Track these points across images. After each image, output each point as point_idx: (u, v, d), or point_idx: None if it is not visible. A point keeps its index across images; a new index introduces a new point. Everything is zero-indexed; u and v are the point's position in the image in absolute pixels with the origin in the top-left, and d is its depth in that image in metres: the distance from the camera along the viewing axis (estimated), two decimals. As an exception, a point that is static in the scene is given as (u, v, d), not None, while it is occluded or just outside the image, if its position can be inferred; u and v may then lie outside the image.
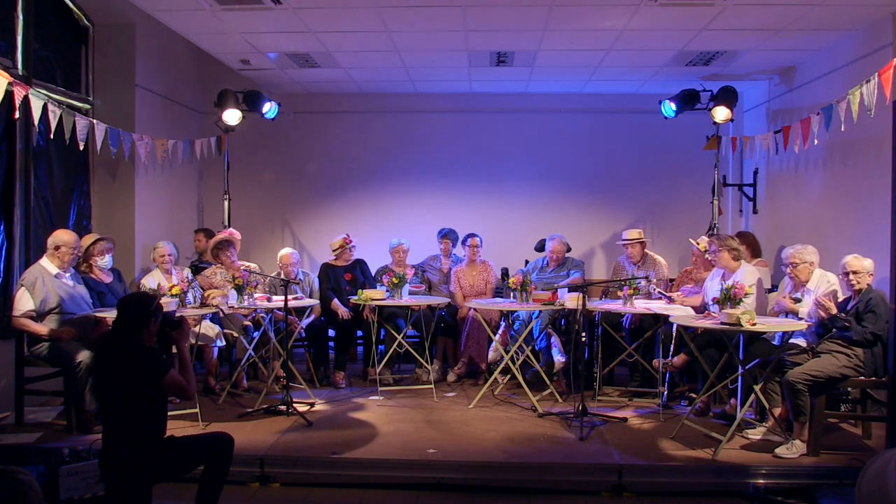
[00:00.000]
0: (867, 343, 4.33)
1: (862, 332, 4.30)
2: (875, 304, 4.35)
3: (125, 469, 3.08)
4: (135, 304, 3.25)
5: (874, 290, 4.44)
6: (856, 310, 4.42)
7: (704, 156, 7.34)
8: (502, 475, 4.20)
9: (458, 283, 6.62)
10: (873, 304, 4.35)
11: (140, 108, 6.58)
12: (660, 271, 6.14)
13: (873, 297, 4.39)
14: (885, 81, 4.16)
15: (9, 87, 4.49)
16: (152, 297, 3.38)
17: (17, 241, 5.15)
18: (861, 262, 4.48)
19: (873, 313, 4.32)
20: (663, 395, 5.33)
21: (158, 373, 3.13)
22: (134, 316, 3.20)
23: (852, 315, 4.40)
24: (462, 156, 8.27)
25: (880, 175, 4.94)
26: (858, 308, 4.41)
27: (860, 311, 4.39)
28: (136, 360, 3.12)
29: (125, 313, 3.22)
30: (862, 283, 4.44)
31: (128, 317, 3.20)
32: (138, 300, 3.32)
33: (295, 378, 5.73)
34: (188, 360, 3.38)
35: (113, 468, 3.10)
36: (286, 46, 6.40)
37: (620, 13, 5.41)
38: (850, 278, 4.47)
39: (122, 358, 3.12)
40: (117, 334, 3.22)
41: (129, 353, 3.13)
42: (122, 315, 3.23)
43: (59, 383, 4.85)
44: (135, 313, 3.20)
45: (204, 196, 8.18)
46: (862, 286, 4.44)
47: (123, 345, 3.16)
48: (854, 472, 3.91)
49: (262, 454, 4.28)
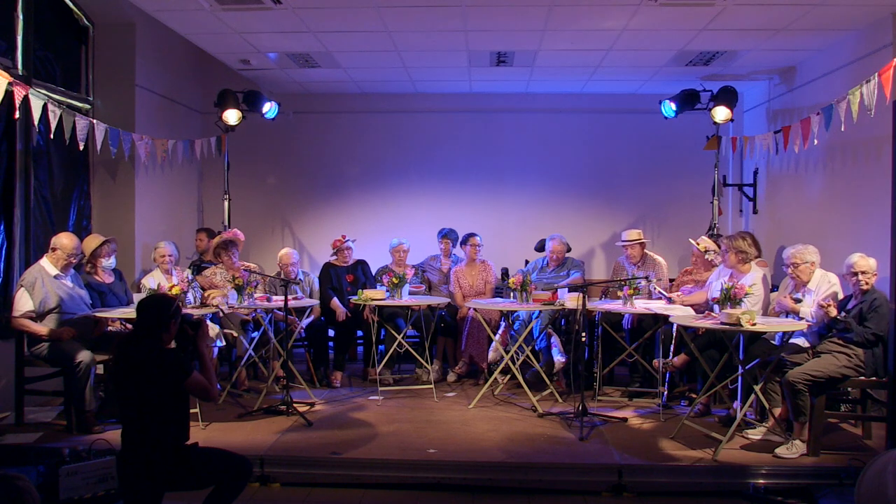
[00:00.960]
0: (868, 344, 4.32)
1: (863, 333, 4.30)
2: (879, 305, 4.34)
3: (143, 471, 3.04)
4: (155, 306, 3.22)
5: (878, 291, 4.43)
6: (859, 310, 4.41)
7: (704, 156, 7.34)
8: (502, 475, 4.20)
9: (457, 283, 6.62)
10: (877, 304, 4.34)
11: (140, 108, 6.58)
12: (660, 271, 6.13)
13: (878, 297, 4.38)
14: (885, 81, 4.16)
15: (9, 87, 4.49)
16: (172, 299, 3.34)
17: (17, 241, 5.15)
18: (867, 262, 4.47)
19: (877, 313, 4.32)
20: (663, 395, 5.33)
21: (182, 374, 3.09)
22: (154, 317, 3.16)
23: (855, 315, 4.39)
24: (462, 156, 8.28)
25: (880, 175, 4.94)
26: (862, 308, 4.40)
27: (864, 311, 4.38)
28: (158, 362, 3.08)
29: (145, 315, 3.19)
30: (870, 284, 4.43)
31: (148, 318, 3.17)
32: (158, 302, 3.28)
33: (295, 378, 5.73)
34: (209, 362, 3.31)
35: (131, 469, 3.06)
36: (286, 46, 6.40)
37: (620, 13, 5.41)
38: (860, 278, 4.44)
39: (143, 360, 3.08)
40: (138, 336, 3.19)
41: (151, 354, 3.09)
42: (141, 317, 3.20)
43: (59, 383, 4.85)
44: (155, 315, 3.17)
45: (204, 196, 8.18)
46: (870, 286, 4.43)
47: (144, 347, 3.12)
48: (854, 471, 3.91)
49: (262, 454, 4.28)
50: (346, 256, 6.56)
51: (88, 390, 4.67)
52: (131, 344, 3.17)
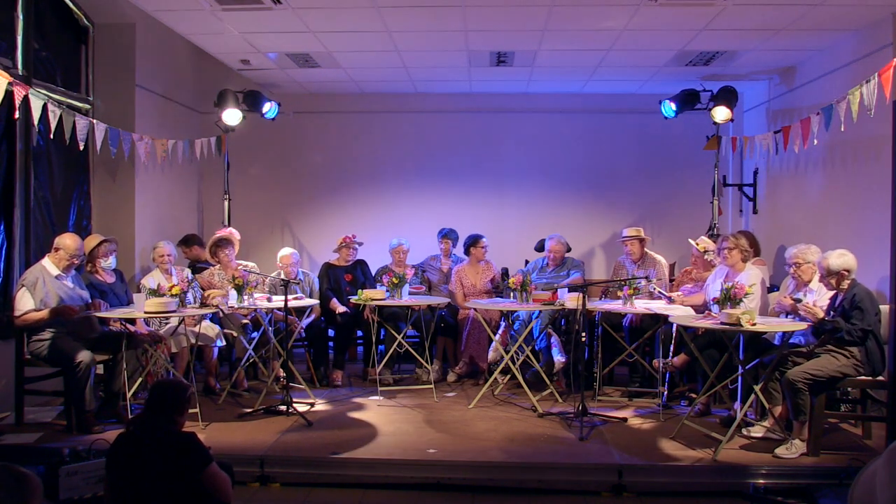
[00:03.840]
0: (859, 340, 4.31)
1: (851, 330, 4.29)
2: (860, 300, 4.31)
3: None
4: (172, 387, 3.03)
5: (858, 285, 4.40)
6: (842, 307, 4.40)
7: (704, 156, 7.34)
8: (502, 475, 4.20)
9: (459, 282, 6.62)
10: (858, 300, 4.32)
11: (140, 108, 6.58)
12: (660, 270, 6.13)
13: (857, 292, 4.35)
14: (885, 81, 4.16)
15: (9, 87, 4.49)
16: (186, 387, 3.12)
17: (17, 242, 5.15)
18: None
19: (860, 310, 4.30)
20: (663, 395, 5.33)
21: (201, 462, 2.82)
22: (171, 398, 2.95)
23: (839, 314, 4.38)
24: (462, 156, 8.28)
25: (880, 175, 4.94)
26: (844, 305, 4.39)
27: (846, 308, 4.37)
28: (177, 447, 2.81)
29: (162, 398, 2.95)
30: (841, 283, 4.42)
31: (165, 401, 2.93)
32: (175, 385, 3.09)
33: (295, 378, 5.73)
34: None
35: None
36: (286, 46, 6.40)
37: (620, 13, 5.41)
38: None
39: (159, 439, 2.83)
40: (153, 419, 2.91)
41: (168, 434, 2.86)
42: (158, 399, 2.95)
43: (59, 383, 4.85)
44: (172, 395, 2.96)
45: (204, 196, 8.18)
46: (843, 285, 4.42)
47: (160, 426, 2.88)
48: (854, 472, 3.89)
49: (262, 454, 4.28)
50: (348, 256, 6.56)
51: (88, 390, 4.67)
52: (142, 424, 2.92)
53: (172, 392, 2.99)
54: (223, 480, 2.88)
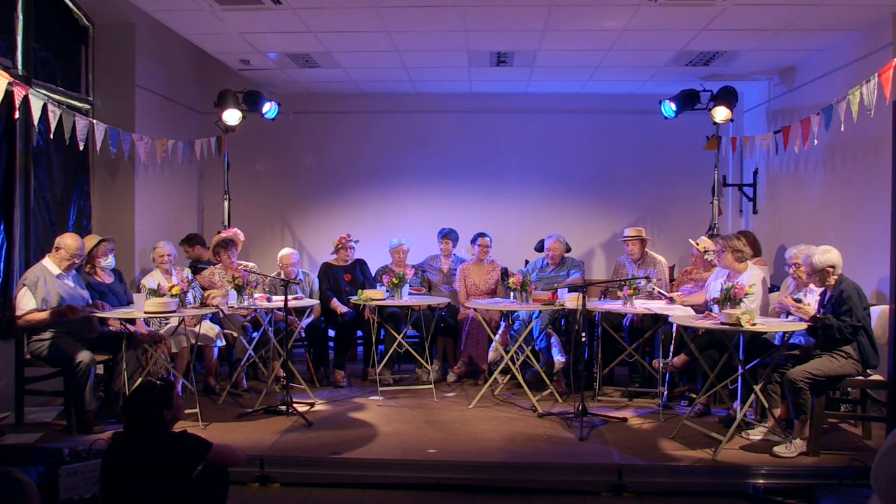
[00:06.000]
0: (850, 336, 4.31)
1: (840, 328, 4.28)
2: (848, 296, 4.30)
3: None
4: (144, 393, 2.92)
5: (845, 280, 4.39)
6: (831, 303, 4.40)
7: (704, 156, 7.34)
8: (502, 475, 4.20)
9: (463, 281, 6.60)
10: (845, 295, 4.31)
11: (140, 108, 6.58)
12: (660, 270, 6.13)
13: (844, 287, 4.34)
14: (885, 81, 4.16)
15: (9, 87, 4.49)
16: (153, 386, 2.97)
17: (17, 242, 5.15)
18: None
19: (848, 305, 4.29)
20: (663, 395, 5.33)
21: (200, 451, 2.83)
22: (150, 401, 2.86)
23: (829, 311, 4.38)
24: (462, 156, 8.28)
25: (880, 175, 4.94)
26: (833, 301, 4.39)
27: (835, 304, 4.36)
28: (172, 447, 2.83)
29: (139, 406, 2.87)
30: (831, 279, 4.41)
31: (142, 407, 2.86)
32: (147, 389, 2.95)
33: (295, 378, 5.73)
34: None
35: None
36: (286, 46, 6.40)
37: (620, 13, 5.41)
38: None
39: (153, 446, 2.81)
40: (136, 434, 2.86)
41: (160, 442, 2.83)
42: (136, 410, 2.88)
43: (59, 383, 4.84)
44: (150, 401, 2.87)
45: (204, 196, 8.18)
46: (831, 281, 4.41)
47: (149, 439, 2.83)
48: (854, 472, 3.91)
49: (262, 454, 4.27)
50: (346, 256, 6.57)
51: (88, 390, 4.67)
52: (129, 441, 2.86)
53: (146, 396, 2.89)
54: (228, 451, 2.99)
